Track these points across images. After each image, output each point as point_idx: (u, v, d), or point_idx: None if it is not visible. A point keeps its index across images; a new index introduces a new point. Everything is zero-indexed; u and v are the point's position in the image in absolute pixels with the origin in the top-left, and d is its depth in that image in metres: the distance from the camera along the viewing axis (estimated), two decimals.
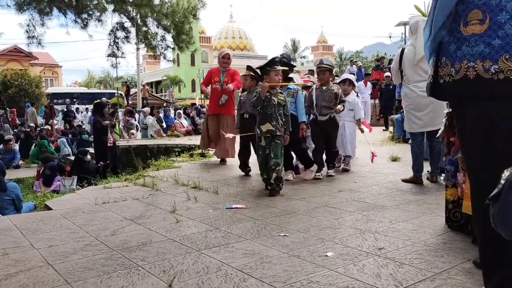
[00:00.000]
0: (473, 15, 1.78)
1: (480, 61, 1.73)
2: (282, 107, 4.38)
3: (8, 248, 2.79)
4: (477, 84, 1.71)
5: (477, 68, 1.72)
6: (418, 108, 4.43)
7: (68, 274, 2.32)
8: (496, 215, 1.32)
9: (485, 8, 1.74)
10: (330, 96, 5.07)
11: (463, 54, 1.78)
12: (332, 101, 5.05)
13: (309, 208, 3.64)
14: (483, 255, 1.73)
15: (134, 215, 3.61)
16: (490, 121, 1.68)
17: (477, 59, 1.73)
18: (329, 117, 5.09)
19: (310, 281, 2.12)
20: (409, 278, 2.11)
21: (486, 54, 1.71)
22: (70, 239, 2.99)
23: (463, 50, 1.79)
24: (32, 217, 3.74)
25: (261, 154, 4.38)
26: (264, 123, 4.30)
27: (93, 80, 55.86)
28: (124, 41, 13.41)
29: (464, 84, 1.74)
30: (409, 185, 4.47)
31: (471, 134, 1.76)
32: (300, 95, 5.01)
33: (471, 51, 1.76)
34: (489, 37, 1.72)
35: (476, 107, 1.75)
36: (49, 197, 5.73)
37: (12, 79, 25.69)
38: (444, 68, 1.82)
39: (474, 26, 1.77)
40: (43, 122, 19.71)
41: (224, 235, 2.97)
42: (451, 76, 1.78)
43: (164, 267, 2.37)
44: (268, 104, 4.31)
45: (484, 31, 1.73)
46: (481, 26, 1.74)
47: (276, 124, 4.29)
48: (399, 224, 3.09)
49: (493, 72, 1.68)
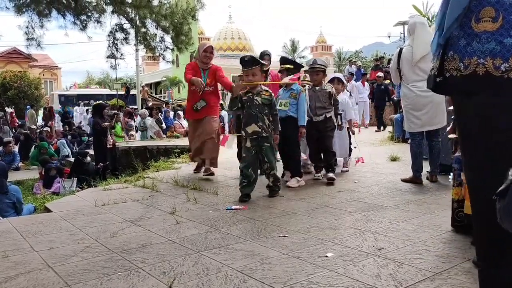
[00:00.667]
0: (486, 12, 1.78)
1: (491, 58, 1.72)
2: (267, 107, 4.23)
3: (8, 251, 2.79)
4: (486, 81, 1.71)
5: (487, 65, 1.72)
6: (417, 107, 4.44)
7: (68, 276, 2.32)
8: (503, 209, 1.33)
9: (498, 6, 1.74)
10: (324, 96, 4.99)
11: (473, 50, 1.77)
12: (326, 101, 4.97)
13: (308, 209, 3.64)
14: (484, 253, 1.74)
15: (134, 216, 3.61)
16: (497, 118, 1.69)
17: (487, 56, 1.73)
18: (324, 117, 4.97)
19: (310, 282, 2.12)
20: (409, 278, 2.12)
21: (497, 52, 1.71)
22: (70, 241, 2.99)
23: (473, 46, 1.79)
24: (32, 219, 3.74)
25: (246, 157, 4.19)
26: (250, 124, 4.16)
27: (92, 82, 55.84)
28: (123, 42, 13.42)
29: (473, 79, 1.74)
30: (409, 185, 4.47)
31: (478, 131, 1.76)
32: (302, 96, 4.75)
33: (481, 47, 1.76)
34: (501, 35, 1.73)
35: (484, 104, 1.74)
36: (49, 199, 5.72)
37: (11, 81, 25.72)
38: (451, 62, 1.82)
39: (486, 23, 1.77)
40: (42, 124, 19.71)
41: (224, 236, 2.97)
42: (459, 70, 1.79)
43: (164, 269, 2.38)
44: (251, 105, 4.18)
45: (496, 29, 1.74)
46: (493, 24, 1.75)
47: (262, 124, 4.15)
48: (399, 224, 3.09)
49: (503, 70, 1.69)
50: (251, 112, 4.19)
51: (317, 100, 4.96)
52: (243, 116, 4.32)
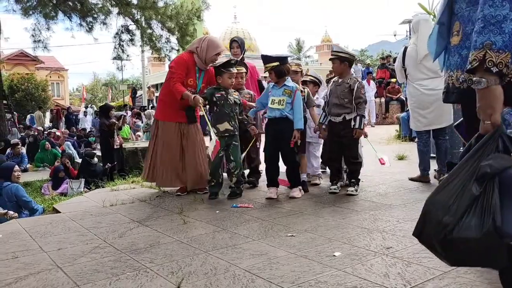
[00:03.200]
0: (455, 27, 1.96)
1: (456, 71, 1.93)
2: (238, 106, 4.25)
3: (18, 252, 2.81)
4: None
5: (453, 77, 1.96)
6: (422, 106, 4.44)
7: (77, 276, 2.34)
8: None
9: (461, 20, 1.92)
10: (343, 91, 4.09)
11: (450, 64, 2.00)
12: (346, 97, 4.06)
13: (316, 208, 3.64)
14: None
15: (141, 217, 3.63)
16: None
17: (454, 69, 1.95)
18: (343, 119, 4.09)
19: (318, 281, 2.12)
20: (417, 277, 2.11)
21: (458, 65, 1.92)
22: (78, 241, 3.01)
23: (450, 60, 2.00)
24: (40, 220, 3.77)
25: (216, 158, 4.15)
26: (222, 122, 4.13)
27: (98, 83, 56.10)
28: (129, 43, 13.51)
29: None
30: (417, 184, 4.46)
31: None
32: (298, 95, 4.05)
33: (452, 60, 1.98)
34: (461, 48, 1.89)
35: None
36: (57, 200, 5.76)
37: (18, 83, 25.95)
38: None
39: (454, 37, 1.95)
40: (50, 125, 19.85)
41: (231, 236, 2.97)
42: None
43: (172, 269, 2.38)
44: (225, 103, 4.14)
45: (458, 42, 1.91)
46: (457, 37, 1.92)
47: (234, 123, 4.18)
48: (407, 223, 3.08)
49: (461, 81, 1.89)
50: (224, 110, 4.15)
51: (335, 95, 4.15)
52: (214, 113, 4.24)
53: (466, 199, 1.34)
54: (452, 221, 1.34)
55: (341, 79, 4.16)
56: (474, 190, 1.34)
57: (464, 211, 1.33)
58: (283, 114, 4.01)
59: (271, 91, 4.14)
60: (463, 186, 1.38)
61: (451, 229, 1.34)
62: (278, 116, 4.03)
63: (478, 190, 1.34)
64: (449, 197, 1.39)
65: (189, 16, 12.49)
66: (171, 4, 12.73)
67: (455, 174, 1.44)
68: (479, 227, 1.30)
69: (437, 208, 1.40)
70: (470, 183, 1.36)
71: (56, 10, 12.35)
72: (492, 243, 1.29)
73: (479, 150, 1.42)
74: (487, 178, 1.33)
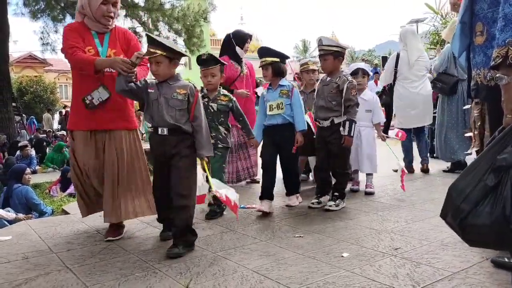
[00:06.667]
0: (477, 27, 2.02)
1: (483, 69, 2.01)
2: (224, 114, 3.57)
3: (28, 252, 2.84)
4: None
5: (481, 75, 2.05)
6: (413, 105, 5.09)
7: (86, 277, 2.35)
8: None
9: (484, 21, 1.98)
10: (331, 92, 3.55)
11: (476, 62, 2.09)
12: (333, 100, 3.53)
13: (323, 209, 3.63)
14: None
15: (149, 218, 3.64)
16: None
17: (480, 67, 2.03)
18: (331, 123, 3.58)
19: (326, 282, 2.11)
20: (426, 278, 2.10)
21: (484, 63, 2.00)
22: (87, 242, 3.03)
23: (476, 59, 2.07)
24: (50, 222, 3.80)
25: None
26: None
27: None
28: None
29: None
30: (425, 184, 4.44)
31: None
32: (296, 93, 3.58)
33: (478, 59, 2.05)
34: (486, 47, 1.96)
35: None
36: (66, 202, 5.80)
37: (27, 85, 26.19)
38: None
39: (478, 37, 2.01)
40: (58, 127, 19.98)
41: (239, 236, 2.98)
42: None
43: (180, 270, 2.39)
44: (205, 112, 3.04)
45: (483, 42, 1.98)
46: (482, 37, 1.99)
47: (216, 135, 3.52)
48: (415, 223, 3.06)
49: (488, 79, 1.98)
50: None
51: (322, 96, 3.64)
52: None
53: (482, 189, 1.45)
54: (467, 208, 1.46)
55: (329, 78, 3.61)
56: (489, 181, 1.45)
57: (479, 200, 1.45)
58: (285, 119, 3.55)
59: (266, 97, 3.67)
60: (480, 176, 1.49)
61: (465, 215, 1.47)
62: (281, 123, 3.57)
63: (493, 181, 1.44)
64: (467, 185, 1.50)
65: (196, 17, 12.54)
66: (178, 6, 12.78)
67: (476, 164, 1.55)
68: (490, 215, 1.42)
69: (456, 194, 1.52)
70: (487, 174, 1.47)
71: (64, 13, 12.45)
72: (503, 229, 1.40)
73: (498, 142, 1.51)
74: (503, 171, 1.43)
